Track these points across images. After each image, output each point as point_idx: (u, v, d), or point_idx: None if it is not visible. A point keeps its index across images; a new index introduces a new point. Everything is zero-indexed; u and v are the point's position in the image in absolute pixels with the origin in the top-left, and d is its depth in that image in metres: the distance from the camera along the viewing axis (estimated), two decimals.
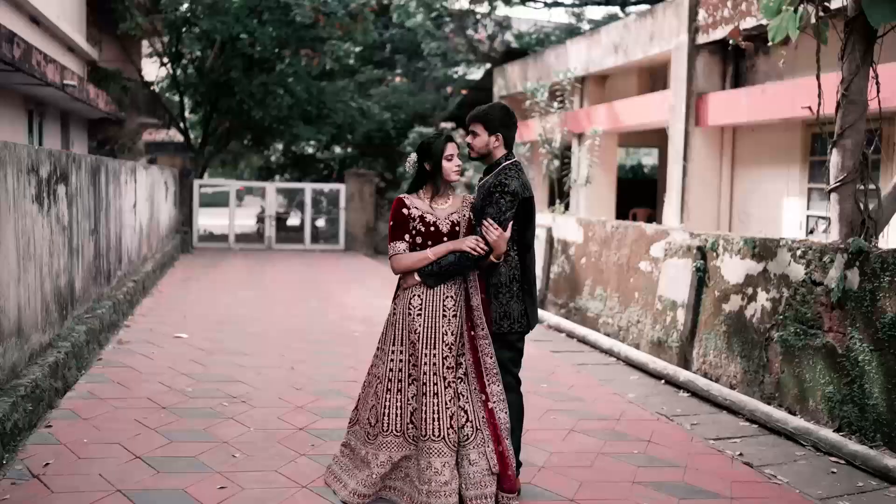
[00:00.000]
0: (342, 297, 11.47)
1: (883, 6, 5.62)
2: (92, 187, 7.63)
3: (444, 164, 3.89)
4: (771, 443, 5.36)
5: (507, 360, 3.90)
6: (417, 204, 3.93)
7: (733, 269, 6.75)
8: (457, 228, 3.90)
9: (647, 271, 8.08)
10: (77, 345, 6.13)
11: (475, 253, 3.72)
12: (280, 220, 22.11)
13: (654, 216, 17.53)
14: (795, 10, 6.56)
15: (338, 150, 25.09)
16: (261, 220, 22.67)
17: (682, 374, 6.79)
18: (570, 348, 8.38)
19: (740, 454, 5.06)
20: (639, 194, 18.98)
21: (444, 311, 3.82)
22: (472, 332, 3.87)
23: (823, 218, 9.99)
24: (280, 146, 25.62)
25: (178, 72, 20.34)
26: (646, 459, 4.78)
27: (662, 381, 7.01)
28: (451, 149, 3.92)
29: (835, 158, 6.18)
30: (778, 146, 10.81)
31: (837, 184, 6.12)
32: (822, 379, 5.59)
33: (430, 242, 3.85)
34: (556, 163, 13.26)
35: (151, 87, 21.20)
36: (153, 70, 21.72)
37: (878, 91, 6.07)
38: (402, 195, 3.98)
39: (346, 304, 10.89)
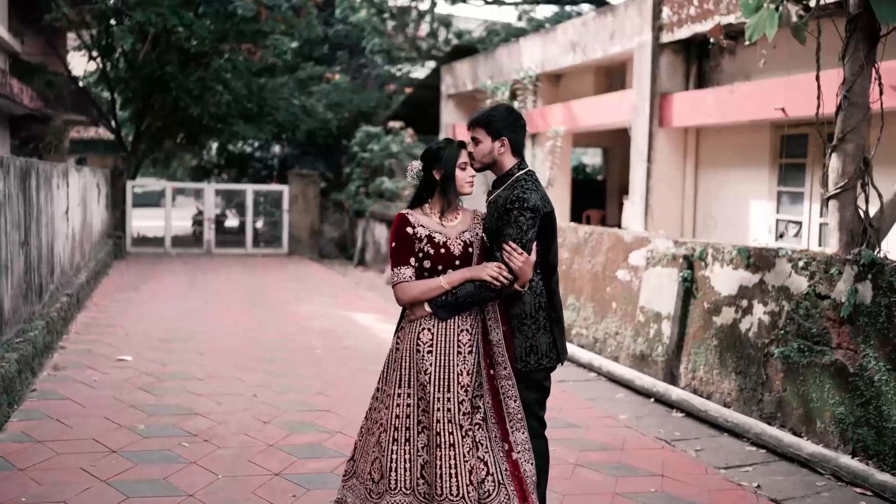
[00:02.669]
0: (294, 308, 10.78)
1: (892, 2, 5.30)
2: (21, 194, 6.82)
3: (458, 173, 3.35)
4: (785, 470, 4.98)
5: (533, 401, 3.37)
6: (423, 221, 3.37)
7: (725, 279, 6.38)
8: (470, 250, 3.36)
9: (626, 280, 7.69)
10: (8, 376, 5.36)
11: (498, 283, 3.19)
12: (218, 222, 21.17)
13: (605, 217, 17.31)
14: (777, 8, 6.24)
15: (276, 149, 24.19)
16: (198, 222, 21.66)
17: (675, 393, 6.40)
18: None
19: (758, 486, 4.66)
20: (586, 196, 18.73)
21: (458, 347, 3.27)
22: (492, 371, 3.34)
23: (794, 222, 9.79)
24: (215, 145, 24.57)
25: (108, 66, 19.19)
26: (666, 499, 4.33)
27: (651, 400, 6.60)
28: (464, 156, 3.39)
29: (834, 163, 5.85)
30: (745, 148, 10.59)
31: (838, 190, 5.80)
32: (832, 399, 5.25)
33: (440, 267, 3.30)
34: None
35: (79, 82, 19.98)
36: (81, 64, 20.48)
37: (882, 92, 5.77)
38: (404, 211, 3.41)
39: (299, 314, 10.22)
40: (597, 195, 18.50)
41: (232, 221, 22.78)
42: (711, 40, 8.32)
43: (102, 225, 15.45)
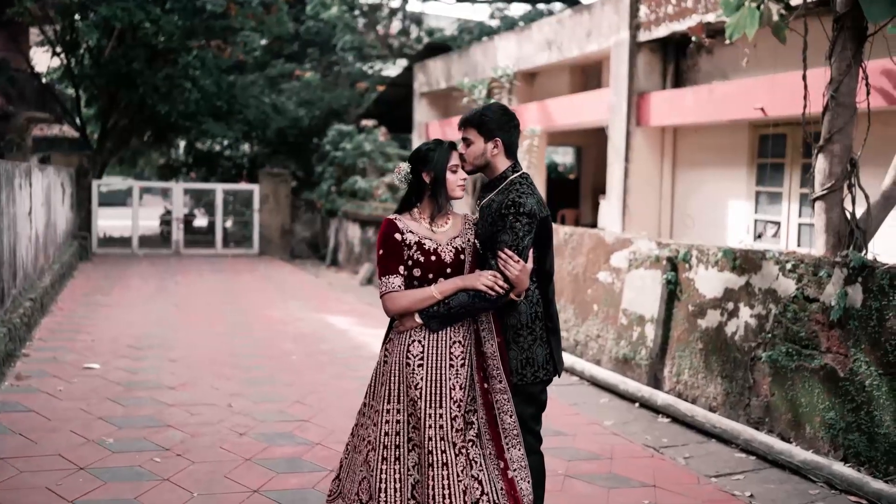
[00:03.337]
0: (267, 311, 10.53)
1: (881, 1, 5.22)
2: None
3: (449, 176, 3.18)
4: (776, 478, 4.88)
5: (529, 416, 3.20)
6: (413, 227, 3.20)
7: (709, 282, 6.28)
8: (462, 257, 3.19)
9: (608, 282, 7.57)
10: None
11: (493, 293, 3.02)
12: (187, 222, 20.77)
13: (579, 217, 17.23)
14: (758, 7, 6.17)
15: (246, 147, 23.81)
16: (165, 222, 21.24)
17: (661, 398, 6.28)
18: None
19: (751, 496, 4.55)
20: (560, 195, 18.65)
21: (451, 359, 3.10)
22: (486, 385, 3.16)
23: (773, 222, 9.76)
24: (182, 143, 24.12)
25: (73, 62, 18.70)
26: None
27: (636, 405, 6.49)
28: (455, 158, 3.22)
29: (821, 164, 5.78)
30: (723, 147, 10.54)
31: (824, 191, 5.73)
32: (822, 404, 5.16)
33: (430, 276, 3.12)
34: None
35: (42, 79, 19.43)
36: (44, 60, 19.94)
37: (868, 93, 5.71)
38: (392, 216, 3.23)
39: (272, 318, 9.97)
40: (570, 195, 18.41)
41: (201, 221, 22.39)
42: (693, 39, 8.24)
43: (67, 225, 15.04)
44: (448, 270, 3.14)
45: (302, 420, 5.57)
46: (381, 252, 3.17)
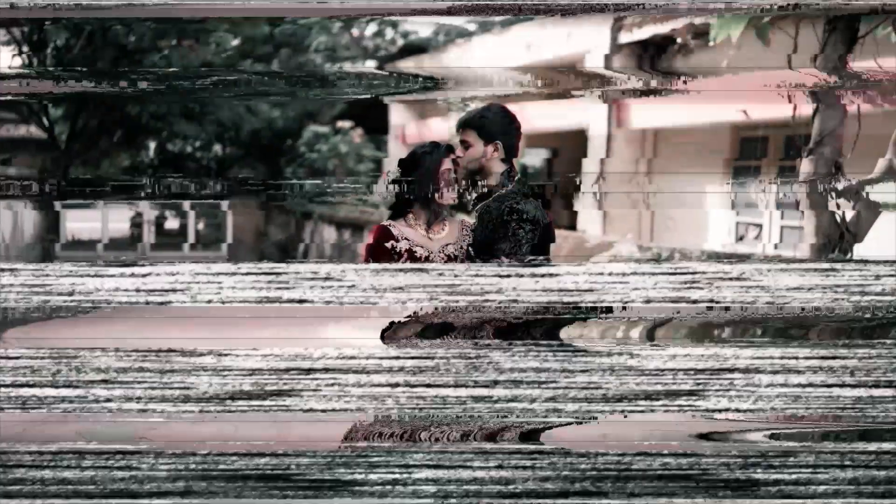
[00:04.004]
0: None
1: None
2: None
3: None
4: None
5: None
6: (408, 234, 3.07)
7: None
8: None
9: None
10: None
11: None
12: (157, 224, 20.45)
13: (554, 220, 17.24)
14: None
15: (218, 148, 23.56)
16: (136, 225, 20.91)
17: None
18: None
19: None
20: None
21: None
22: None
23: (755, 225, 9.75)
24: (153, 144, 23.78)
25: (40, 62, 18.33)
26: None
27: None
28: (448, 163, 3.10)
29: (806, 167, 5.72)
30: (703, 149, 10.52)
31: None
32: None
33: None
34: None
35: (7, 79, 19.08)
36: (8, 59, 19.55)
37: (857, 94, 5.65)
38: (386, 223, 3.11)
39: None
40: (546, 197, 18.40)
41: (172, 223, 22.07)
42: (678, 40, 8.20)
43: (34, 229, 14.69)
44: None
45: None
46: (367, 260, 3.06)
